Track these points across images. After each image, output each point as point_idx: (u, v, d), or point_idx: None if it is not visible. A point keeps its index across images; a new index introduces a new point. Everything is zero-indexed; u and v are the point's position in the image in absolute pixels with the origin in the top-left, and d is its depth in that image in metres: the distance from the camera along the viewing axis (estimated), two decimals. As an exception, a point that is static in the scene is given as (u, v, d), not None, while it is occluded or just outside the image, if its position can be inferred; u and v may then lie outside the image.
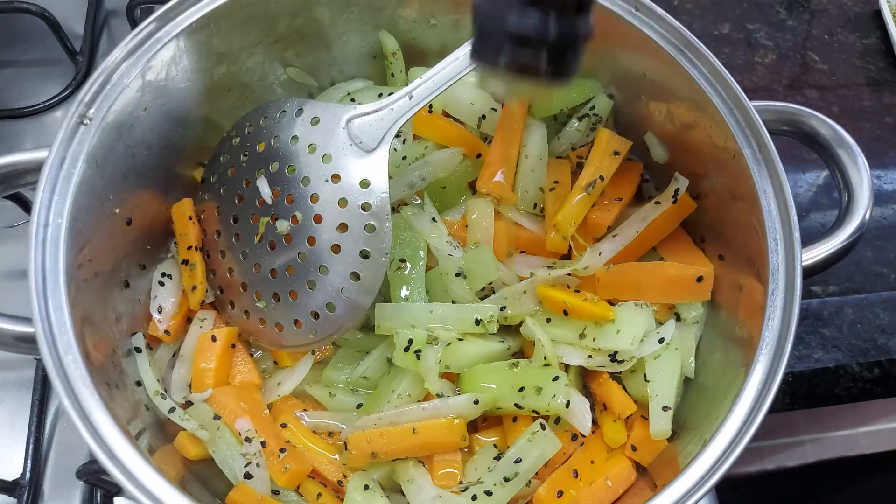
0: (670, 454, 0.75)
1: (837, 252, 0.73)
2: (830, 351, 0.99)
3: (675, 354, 0.78)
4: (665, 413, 0.75)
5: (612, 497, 0.75)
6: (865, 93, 1.20)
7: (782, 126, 0.76)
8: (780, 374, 0.64)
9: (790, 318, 0.66)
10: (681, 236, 0.85)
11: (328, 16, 0.88)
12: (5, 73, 1.11)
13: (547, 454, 0.73)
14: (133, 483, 0.60)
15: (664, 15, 0.77)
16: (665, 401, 0.75)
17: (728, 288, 0.79)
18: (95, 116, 0.71)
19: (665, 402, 0.75)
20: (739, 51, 1.23)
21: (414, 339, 0.76)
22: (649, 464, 0.77)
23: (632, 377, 0.80)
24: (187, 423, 0.75)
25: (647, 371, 0.77)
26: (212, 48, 0.81)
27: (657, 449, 0.76)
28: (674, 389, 0.76)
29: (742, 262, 0.75)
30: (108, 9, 1.18)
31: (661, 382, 0.77)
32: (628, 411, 0.78)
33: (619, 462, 0.76)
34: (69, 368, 0.63)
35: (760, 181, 0.71)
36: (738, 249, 0.76)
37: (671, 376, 0.77)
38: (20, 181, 0.72)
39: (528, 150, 0.87)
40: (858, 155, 0.73)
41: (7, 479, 0.83)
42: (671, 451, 0.76)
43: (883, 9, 1.25)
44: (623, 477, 0.75)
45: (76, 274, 0.68)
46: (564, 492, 0.74)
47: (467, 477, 0.75)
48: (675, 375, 0.77)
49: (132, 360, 0.77)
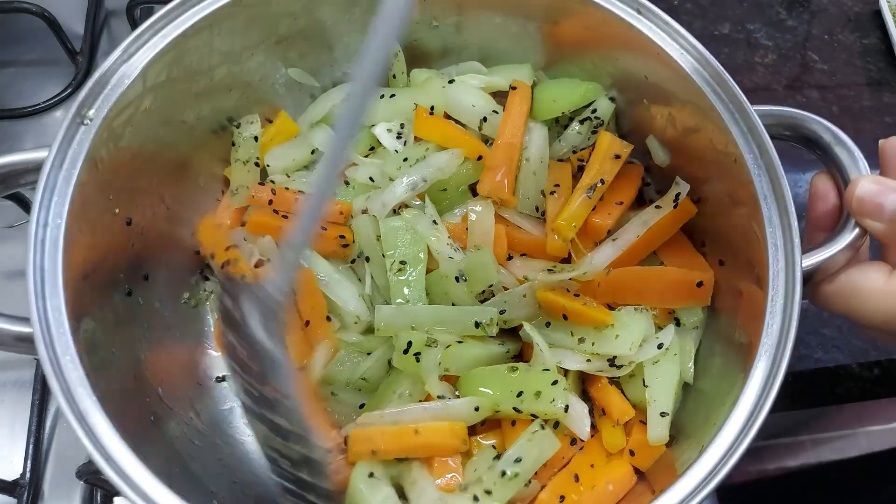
0: (668, 460, 0.75)
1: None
2: (830, 351, 0.99)
3: (674, 360, 0.78)
4: (663, 419, 0.75)
5: (613, 500, 0.75)
6: (865, 93, 1.20)
7: (783, 130, 0.76)
8: (779, 380, 0.64)
9: (790, 324, 0.66)
10: (681, 241, 0.85)
11: (330, 17, 0.88)
12: (5, 73, 1.11)
13: (546, 453, 0.73)
14: (130, 486, 0.60)
15: (666, 17, 0.77)
16: (663, 406, 0.76)
17: (728, 293, 0.79)
18: (95, 116, 0.71)
19: (663, 408, 0.75)
20: (739, 51, 1.23)
21: (413, 342, 0.76)
22: (647, 469, 0.77)
23: (631, 382, 0.80)
24: None
25: (645, 376, 0.77)
26: (213, 49, 0.81)
27: (655, 454, 0.76)
28: (672, 395, 0.77)
29: (742, 267, 0.75)
30: (108, 9, 1.17)
31: (660, 388, 0.77)
32: (626, 417, 0.78)
33: (621, 466, 0.76)
34: (66, 369, 0.63)
35: (761, 186, 0.71)
36: (739, 254, 0.76)
37: (670, 382, 0.77)
38: (20, 181, 0.71)
39: (530, 152, 0.87)
40: (860, 159, 0.73)
41: (7, 479, 0.83)
42: (669, 457, 0.76)
43: (883, 9, 1.25)
44: (624, 481, 0.76)
45: (75, 274, 0.68)
46: (566, 496, 0.74)
47: (466, 477, 0.75)
48: (673, 381, 0.77)
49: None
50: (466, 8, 0.88)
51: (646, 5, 0.78)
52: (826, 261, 0.70)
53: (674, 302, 0.81)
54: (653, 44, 0.77)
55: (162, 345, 0.83)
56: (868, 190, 0.68)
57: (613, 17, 0.79)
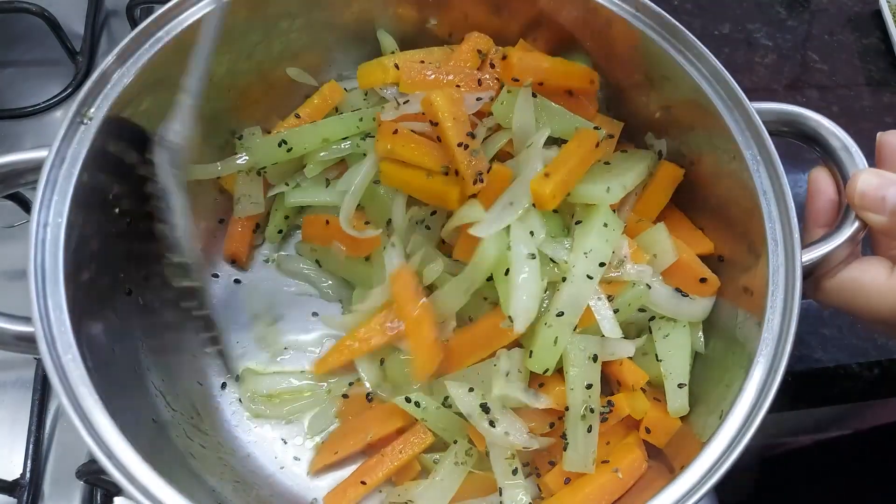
0: (685, 433, 0.76)
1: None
2: (830, 351, 0.99)
3: (684, 331, 0.79)
4: (681, 390, 0.77)
5: (622, 487, 0.74)
6: (865, 93, 1.20)
7: (782, 127, 0.76)
8: (779, 375, 0.64)
9: (790, 319, 0.66)
10: (678, 217, 0.86)
11: (328, 16, 0.88)
12: (5, 73, 1.11)
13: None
14: (132, 483, 0.60)
15: (665, 16, 0.77)
16: (680, 378, 0.77)
17: (728, 289, 0.79)
18: (95, 116, 0.71)
19: (680, 379, 0.77)
20: (739, 51, 1.23)
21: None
22: (665, 445, 0.77)
23: (644, 360, 0.80)
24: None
25: (658, 351, 0.79)
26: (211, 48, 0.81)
27: (671, 429, 0.77)
28: (687, 366, 0.78)
29: (742, 262, 0.75)
30: (108, 9, 1.17)
31: (674, 360, 0.78)
32: (642, 380, 0.78)
33: (630, 452, 0.76)
34: (68, 368, 0.63)
35: (760, 182, 0.71)
36: (738, 250, 0.76)
37: (683, 353, 0.78)
38: (20, 180, 0.71)
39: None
40: (858, 155, 0.73)
41: (7, 479, 0.83)
42: (685, 431, 0.76)
43: (883, 9, 1.25)
44: (634, 468, 0.75)
45: (76, 273, 0.68)
46: (572, 477, 0.75)
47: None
48: (686, 351, 0.79)
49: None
50: (463, 6, 0.88)
51: (644, 3, 0.78)
52: (827, 255, 0.71)
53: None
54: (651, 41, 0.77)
55: (162, 344, 0.84)
56: (870, 183, 0.69)
57: (612, 14, 0.79)
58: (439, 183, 0.81)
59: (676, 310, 0.79)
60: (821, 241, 0.71)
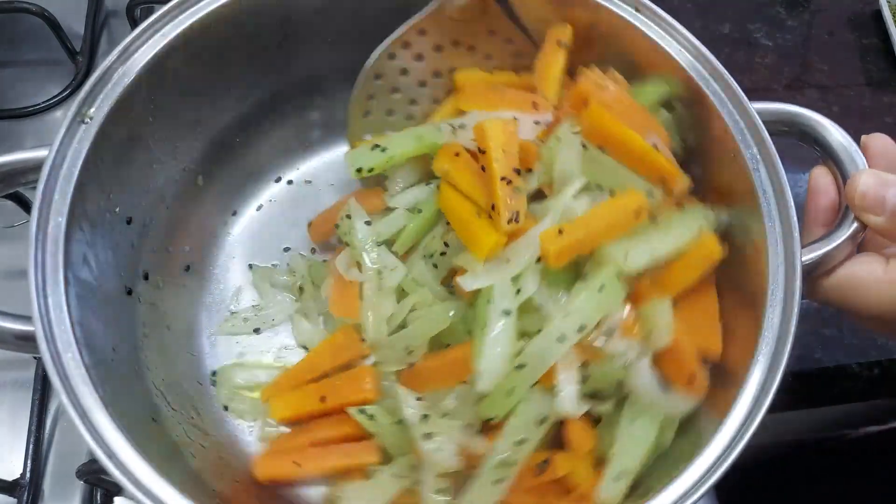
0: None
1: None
2: (830, 351, 0.99)
3: (652, 425, 0.69)
4: (618, 482, 0.67)
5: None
6: (865, 93, 1.20)
7: (782, 127, 0.76)
8: (779, 374, 0.64)
9: (790, 318, 0.66)
10: (706, 299, 0.77)
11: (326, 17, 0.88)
12: (5, 73, 1.11)
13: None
14: (133, 482, 0.60)
15: (664, 16, 0.77)
16: (623, 469, 0.68)
17: (727, 288, 0.79)
18: (96, 116, 0.71)
19: (623, 471, 0.67)
20: (739, 51, 1.23)
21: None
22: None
23: (608, 427, 0.72)
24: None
25: (618, 430, 0.69)
26: (213, 49, 0.81)
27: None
28: (638, 461, 0.68)
29: (741, 261, 0.75)
30: (108, 9, 1.17)
31: (628, 449, 0.68)
32: (586, 446, 0.71)
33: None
34: (68, 367, 0.63)
35: (760, 181, 0.71)
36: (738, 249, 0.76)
37: (641, 446, 0.68)
38: (20, 180, 0.71)
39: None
40: (858, 156, 0.73)
41: (7, 479, 0.83)
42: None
43: (883, 9, 1.25)
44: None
45: (76, 273, 0.68)
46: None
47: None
48: (645, 447, 0.69)
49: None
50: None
51: (644, 3, 0.78)
52: (826, 254, 0.70)
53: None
54: (651, 41, 0.77)
55: (162, 344, 0.84)
56: (870, 184, 0.69)
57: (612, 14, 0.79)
58: (482, 226, 0.73)
59: (653, 398, 0.69)
60: (820, 240, 0.71)
